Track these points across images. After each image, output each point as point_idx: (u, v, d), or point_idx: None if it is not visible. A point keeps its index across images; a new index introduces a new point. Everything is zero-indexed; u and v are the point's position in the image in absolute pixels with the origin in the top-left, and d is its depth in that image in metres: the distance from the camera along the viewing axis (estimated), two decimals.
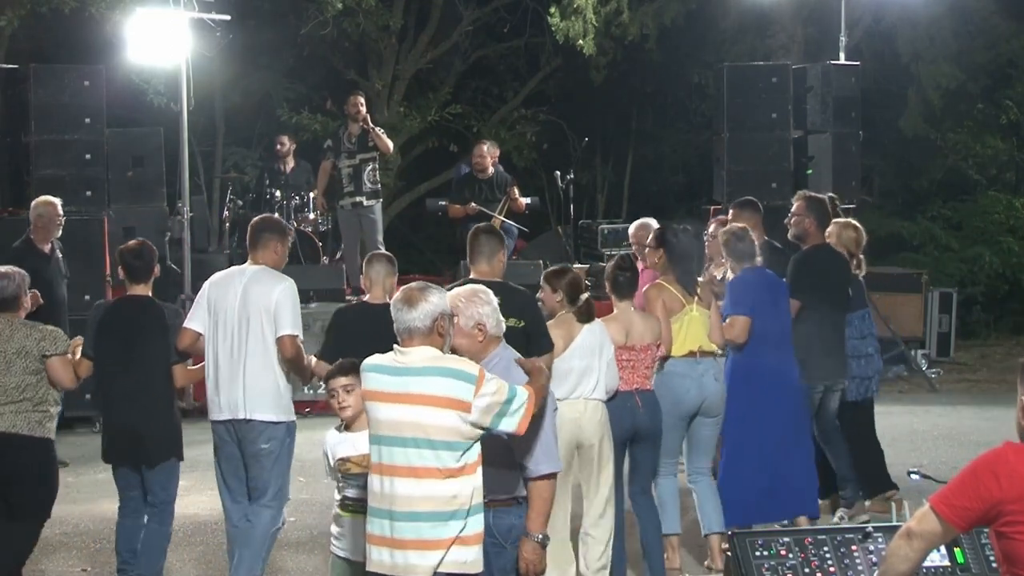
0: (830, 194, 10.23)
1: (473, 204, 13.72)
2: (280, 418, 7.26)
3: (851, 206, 13.46)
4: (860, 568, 4.67)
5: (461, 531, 5.11)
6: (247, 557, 7.15)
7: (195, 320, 7.34)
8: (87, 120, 12.17)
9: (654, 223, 10.02)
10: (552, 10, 16.82)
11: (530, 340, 7.01)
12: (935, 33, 17.97)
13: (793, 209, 9.11)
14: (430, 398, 5.08)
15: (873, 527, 4.82)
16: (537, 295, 7.57)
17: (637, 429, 7.48)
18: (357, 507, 5.71)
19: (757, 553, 4.68)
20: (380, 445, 5.17)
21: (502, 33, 20.27)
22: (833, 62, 14.25)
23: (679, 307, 7.87)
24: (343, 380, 5.87)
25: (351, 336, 7.09)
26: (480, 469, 5.18)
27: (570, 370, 7.17)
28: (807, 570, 4.64)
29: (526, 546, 5.32)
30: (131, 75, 15.63)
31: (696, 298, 7.92)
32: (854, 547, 4.72)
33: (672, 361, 7.84)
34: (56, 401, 7.13)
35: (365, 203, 13.55)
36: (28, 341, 6.98)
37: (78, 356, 7.19)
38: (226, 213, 15.84)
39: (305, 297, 9.18)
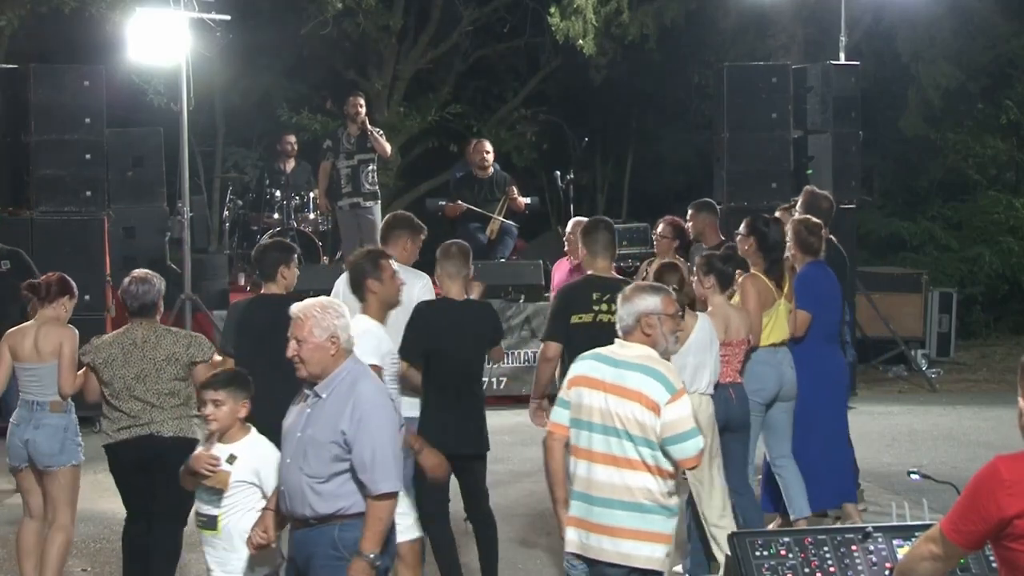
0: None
1: (460, 202, 13.72)
2: (415, 413, 7.31)
3: (851, 206, 13.48)
4: (860, 568, 4.66)
5: (652, 526, 5.40)
6: None
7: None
8: (87, 120, 12.16)
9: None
10: (552, 10, 16.82)
11: None
12: (935, 33, 17.96)
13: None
14: (636, 394, 5.41)
15: (873, 527, 4.82)
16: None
17: (729, 421, 7.55)
18: (208, 524, 5.72)
19: (757, 553, 4.67)
20: (585, 431, 5.50)
21: (502, 33, 20.27)
22: (833, 62, 14.24)
23: (771, 300, 7.98)
24: (212, 394, 5.81)
25: (431, 330, 7.06)
26: (675, 478, 5.49)
27: (684, 366, 7.21)
28: (807, 570, 4.63)
29: (355, 564, 5.19)
30: (131, 75, 15.64)
31: (783, 290, 8.02)
32: (854, 547, 4.71)
33: (755, 351, 7.94)
34: (196, 403, 7.14)
35: (363, 204, 13.54)
36: (177, 348, 7.04)
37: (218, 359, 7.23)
38: (226, 213, 15.84)
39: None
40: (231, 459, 5.70)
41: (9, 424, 7.59)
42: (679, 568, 7.52)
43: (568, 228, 10.28)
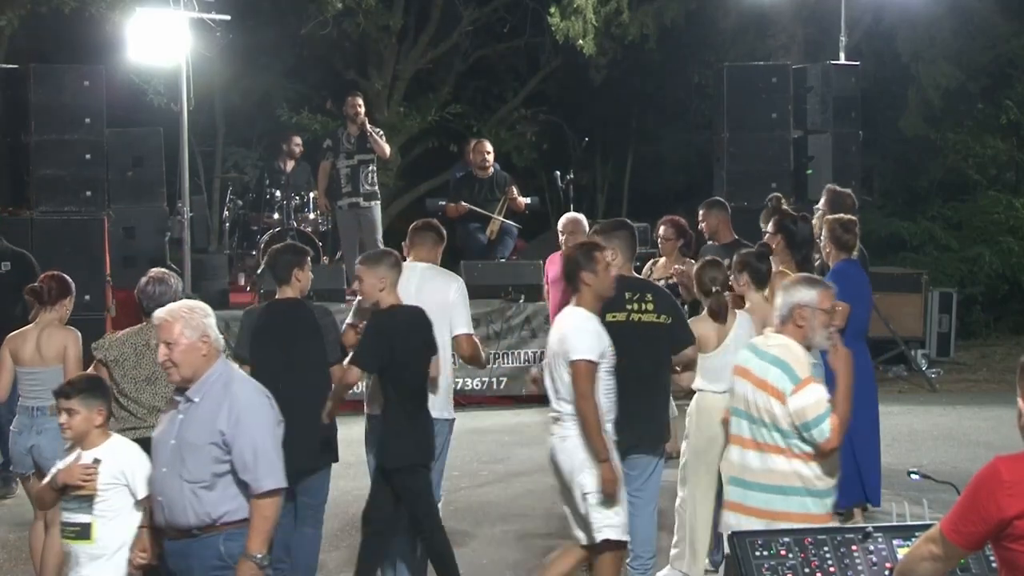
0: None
1: (463, 203, 13.71)
2: (449, 415, 7.36)
3: None
4: (860, 568, 4.65)
5: (799, 508, 5.62)
6: None
7: (360, 316, 7.33)
8: (87, 120, 12.16)
9: (583, 218, 10.16)
10: (552, 10, 16.82)
11: (673, 336, 7.11)
12: (935, 33, 17.96)
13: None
14: (763, 383, 5.69)
15: (873, 527, 4.81)
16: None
17: None
18: (81, 533, 5.63)
19: (757, 553, 4.67)
20: (735, 417, 5.86)
21: (502, 33, 20.28)
22: (833, 62, 14.24)
23: None
24: (65, 403, 5.73)
25: (389, 339, 6.96)
26: (820, 459, 5.66)
27: (726, 364, 7.11)
28: (807, 570, 4.63)
29: (244, 566, 5.14)
30: (131, 75, 15.64)
31: None
32: (854, 547, 4.70)
33: None
34: None
35: (363, 204, 13.53)
36: None
37: None
38: (226, 213, 15.84)
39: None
40: (95, 463, 5.65)
41: (10, 432, 7.57)
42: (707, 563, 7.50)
43: (561, 224, 10.25)
